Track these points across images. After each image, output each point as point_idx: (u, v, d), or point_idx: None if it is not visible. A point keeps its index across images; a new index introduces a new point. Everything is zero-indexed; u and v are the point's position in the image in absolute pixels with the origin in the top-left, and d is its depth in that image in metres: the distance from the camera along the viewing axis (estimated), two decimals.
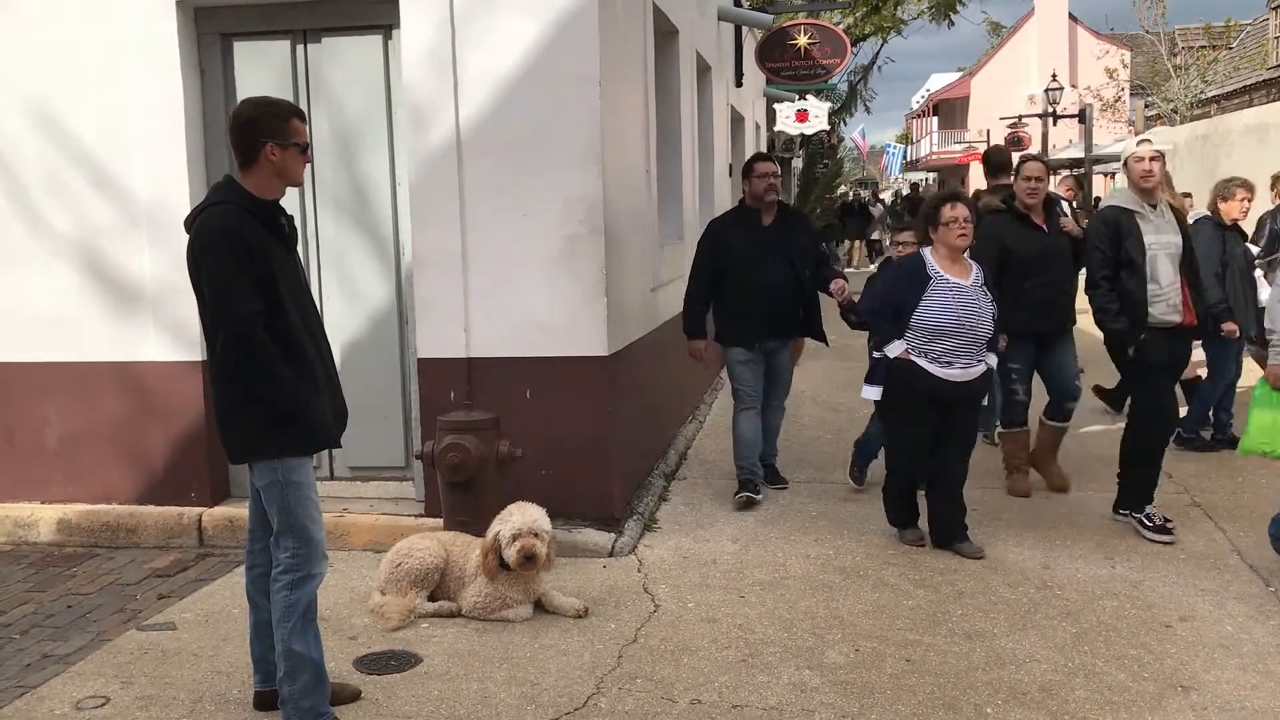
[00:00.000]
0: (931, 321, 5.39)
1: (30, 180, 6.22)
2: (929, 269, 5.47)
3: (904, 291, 5.49)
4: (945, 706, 3.99)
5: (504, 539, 4.78)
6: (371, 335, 6.27)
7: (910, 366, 5.46)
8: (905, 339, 5.47)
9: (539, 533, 4.78)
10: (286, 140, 3.65)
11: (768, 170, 6.57)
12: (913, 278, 5.48)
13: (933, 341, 5.41)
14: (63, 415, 6.30)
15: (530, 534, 4.76)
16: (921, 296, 5.40)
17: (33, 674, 4.44)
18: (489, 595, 4.87)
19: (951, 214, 5.39)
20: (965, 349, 5.43)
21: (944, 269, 5.46)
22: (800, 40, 13.57)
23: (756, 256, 6.42)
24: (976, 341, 5.45)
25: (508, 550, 4.76)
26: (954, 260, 5.50)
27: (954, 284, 5.43)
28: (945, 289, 5.41)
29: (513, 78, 5.78)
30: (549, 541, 4.84)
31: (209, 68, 6.20)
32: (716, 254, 6.54)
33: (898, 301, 5.51)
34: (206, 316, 3.62)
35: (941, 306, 5.38)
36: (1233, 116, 14.56)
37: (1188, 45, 30.17)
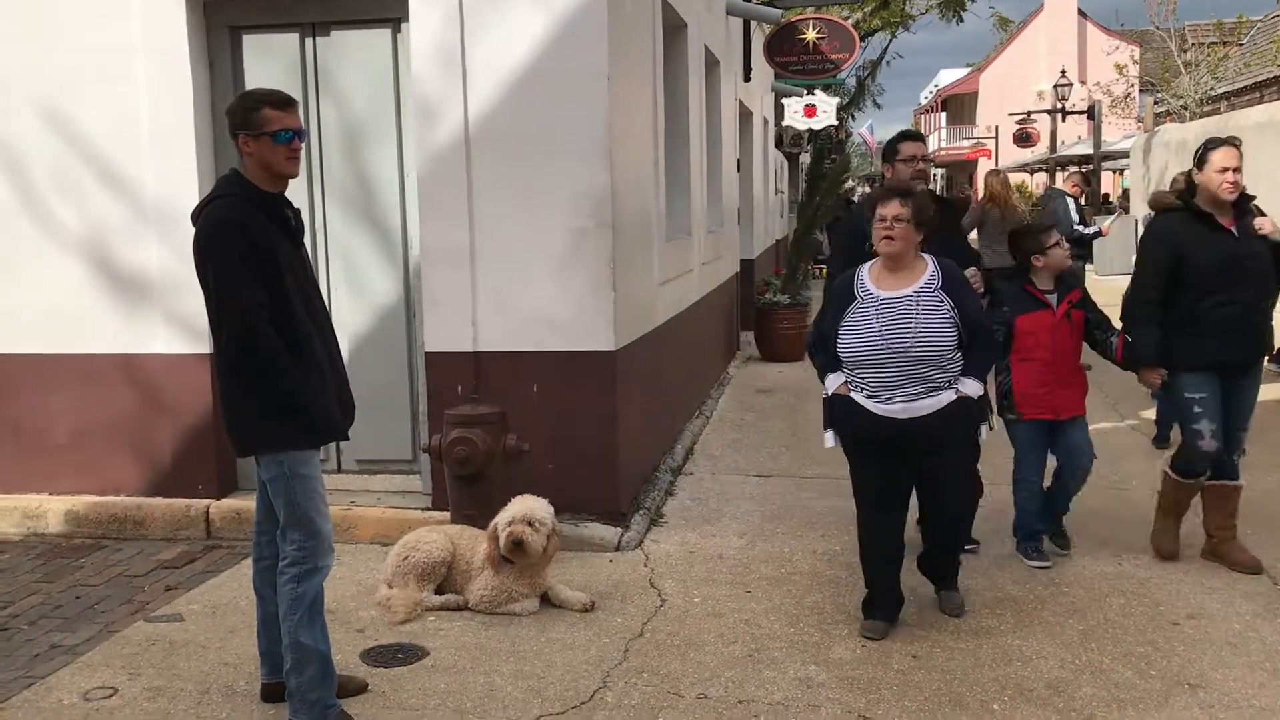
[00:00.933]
0: (848, 349, 4.43)
1: (39, 174, 6.23)
2: (857, 285, 4.52)
3: (831, 313, 4.57)
4: (951, 703, 3.99)
5: (500, 527, 4.81)
6: (379, 329, 6.28)
7: (846, 404, 4.51)
8: (843, 370, 4.53)
9: (532, 521, 4.79)
10: (257, 130, 3.62)
11: (915, 152, 5.46)
12: (839, 298, 4.58)
13: (860, 372, 4.44)
14: (71, 407, 6.32)
15: (522, 522, 4.78)
16: (843, 318, 4.48)
17: (41, 664, 4.46)
18: (495, 589, 4.87)
19: (881, 212, 4.45)
20: (902, 378, 4.34)
21: (876, 281, 4.48)
22: (809, 35, 13.53)
23: None
24: (921, 366, 4.32)
25: (500, 537, 4.78)
26: (892, 269, 4.48)
27: (879, 299, 4.41)
28: (865, 307, 4.43)
29: (521, 72, 5.77)
30: (549, 532, 4.85)
31: (218, 61, 6.21)
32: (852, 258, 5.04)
33: (826, 325, 4.59)
34: (211, 310, 3.62)
35: (857, 329, 4.40)
36: (1243, 113, 14.52)
37: (1198, 41, 30.04)
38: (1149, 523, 5.59)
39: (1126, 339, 5.30)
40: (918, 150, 5.47)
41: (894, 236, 4.40)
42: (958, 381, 4.40)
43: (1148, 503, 5.87)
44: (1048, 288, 5.35)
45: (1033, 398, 5.30)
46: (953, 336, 4.36)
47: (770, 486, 6.94)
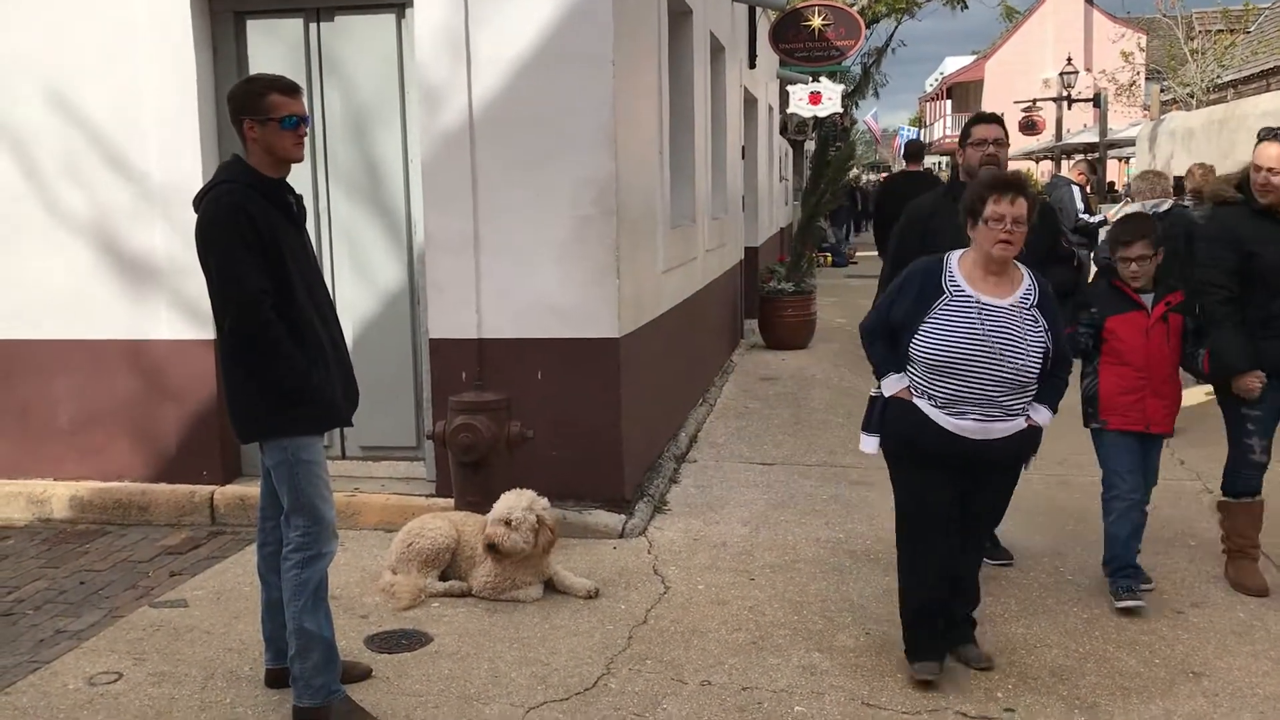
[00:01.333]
0: (932, 351, 3.87)
1: (43, 159, 6.22)
2: (946, 278, 3.95)
3: (906, 304, 3.99)
4: (956, 690, 3.99)
5: (487, 524, 4.83)
6: (383, 315, 6.27)
7: (908, 411, 3.98)
8: (906, 372, 4.04)
9: (510, 519, 4.77)
10: (263, 116, 3.61)
11: (987, 135, 4.94)
12: (921, 287, 3.98)
13: (934, 379, 3.91)
14: (76, 393, 6.32)
15: (499, 523, 4.77)
16: (927, 314, 3.91)
17: (46, 649, 4.47)
18: (498, 575, 4.87)
19: (997, 209, 3.82)
20: (985, 395, 3.84)
21: (970, 280, 3.92)
22: (814, 21, 13.48)
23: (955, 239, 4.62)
24: (1007, 386, 3.85)
25: (510, 539, 4.78)
26: (990, 270, 3.93)
27: (979, 303, 3.87)
28: (962, 308, 3.87)
29: (526, 57, 5.75)
30: (531, 527, 4.78)
31: (222, 46, 6.19)
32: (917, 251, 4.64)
33: (896, 318, 4.01)
34: (215, 296, 3.61)
35: (950, 332, 3.85)
36: (1250, 101, 14.46)
37: (1205, 29, 29.90)
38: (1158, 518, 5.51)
39: None
40: (990, 133, 4.95)
41: (1013, 241, 3.84)
42: (1030, 408, 3.95)
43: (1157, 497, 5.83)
44: (1144, 286, 4.78)
45: (1120, 405, 4.74)
46: (1042, 359, 3.89)
47: (774, 474, 6.94)
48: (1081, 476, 6.71)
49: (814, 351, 12.01)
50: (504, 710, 3.88)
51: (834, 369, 10.76)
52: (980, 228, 3.88)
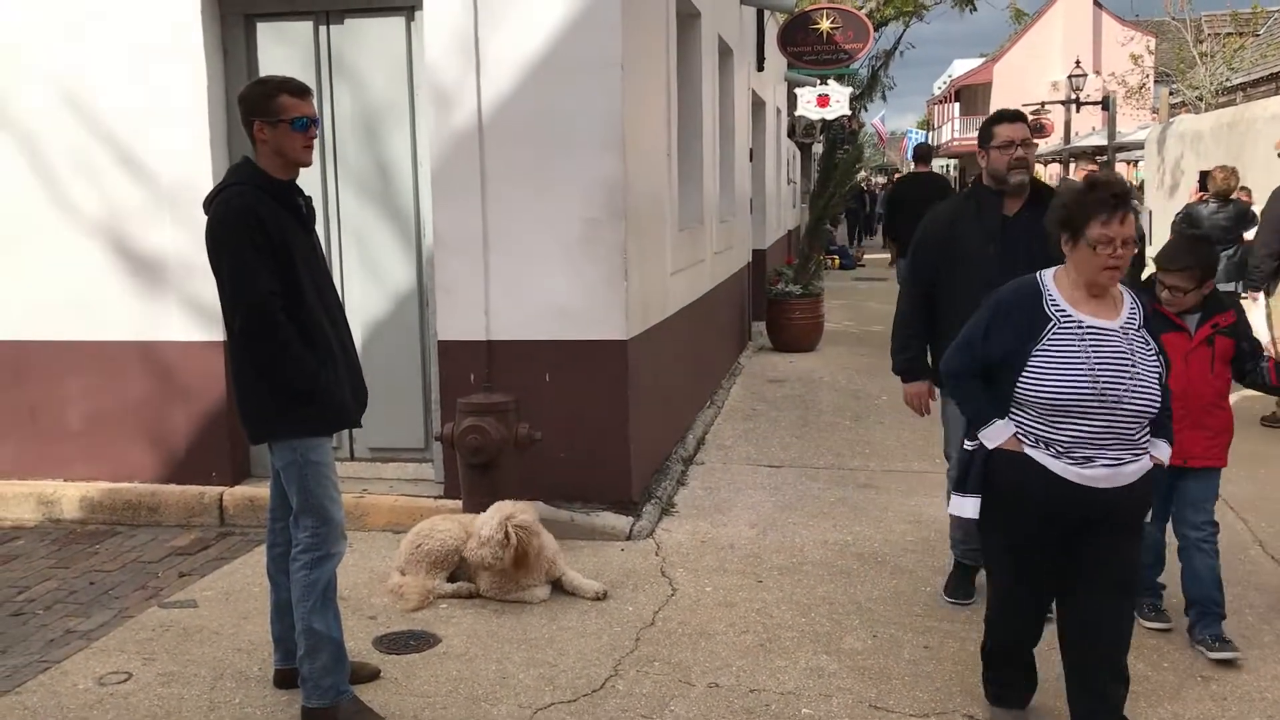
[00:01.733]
0: (1052, 389, 3.28)
1: (54, 160, 6.25)
2: (1049, 302, 3.39)
3: (1004, 337, 3.41)
4: (963, 693, 3.98)
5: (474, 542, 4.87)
6: (392, 317, 6.29)
7: (1020, 465, 3.38)
8: (1010, 417, 3.43)
9: (480, 535, 4.79)
10: (274, 118, 3.63)
11: (1013, 136, 4.47)
12: (1021, 316, 3.41)
13: (1055, 422, 3.31)
14: (85, 394, 6.34)
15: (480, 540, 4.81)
16: (1035, 347, 3.34)
17: (56, 649, 4.48)
18: (504, 577, 4.88)
19: (1105, 232, 3.25)
20: (1117, 433, 3.29)
21: (1073, 304, 3.37)
22: (823, 24, 13.48)
23: (992, 263, 4.35)
24: (1140, 420, 3.32)
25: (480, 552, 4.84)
26: (1092, 292, 3.38)
27: (1090, 328, 3.33)
28: (1075, 335, 3.32)
29: (535, 60, 5.77)
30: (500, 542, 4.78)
31: (232, 48, 6.21)
32: (936, 260, 4.64)
33: (995, 353, 3.44)
34: (225, 298, 3.63)
35: (1070, 364, 3.28)
36: (1259, 104, 14.42)
37: (1214, 32, 29.84)
38: None
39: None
40: (1016, 134, 4.47)
41: (1122, 266, 3.31)
42: (1150, 444, 3.41)
43: None
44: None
45: None
46: (1160, 385, 3.37)
47: (782, 476, 6.94)
48: None
49: (822, 354, 12.01)
50: (512, 711, 3.88)
51: (842, 371, 10.76)
52: (1082, 250, 3.32)
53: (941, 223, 4.71)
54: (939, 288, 4.63)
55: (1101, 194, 3.30)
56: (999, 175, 4.49)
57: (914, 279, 4.74)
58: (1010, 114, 4.66)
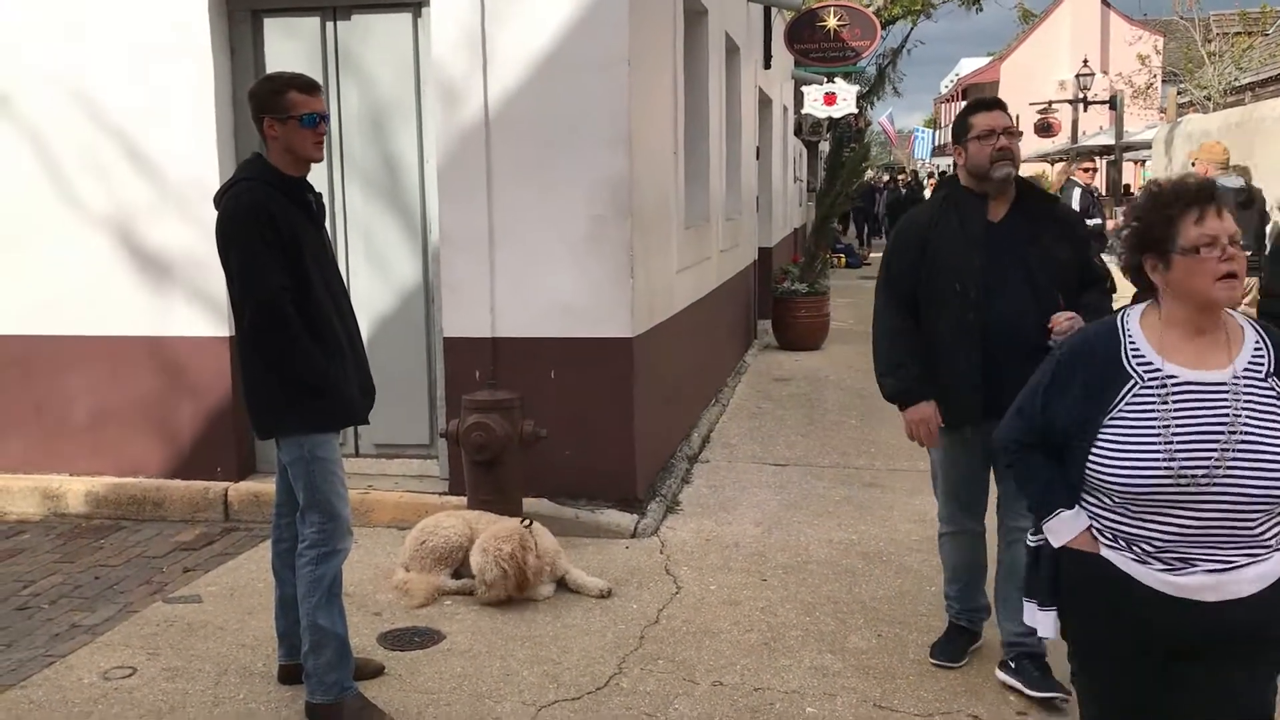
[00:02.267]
0: (1120, 473, 2.44)
1: (61, 155, 6.25)
2: (1129, 353, 2.52)
3: (1070, 400, 2.56)
4: (967, 692, 3.98)
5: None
6: (398, 313, 6.29)
7: (1097, 569, 2.54)
8: (1082, 504, 2.57)
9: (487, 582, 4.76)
10: (283, 114, 3.62)
11: (993, 125, 3.88)
12: (1093, 373, 2.54)
13: (1136, 514, 2.47)
14: (91, 389, 6.35)
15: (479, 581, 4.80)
16: (1109, 411, 2.48)
17: (61, 643, 4.49)
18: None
19: (1204, 230, 2.44)
20: (1222, 529, 2.42)
21: (1163, 349, 2.49)
22: (830, 22, 13.47)
23: (978, 275, 3.83)
24: (1244, 510, 2.41)
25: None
26: (1196, 329, 2.50)
27: (1182, 384, 2.45)
28: (1165, 396, 2.45)
29: (542, 57, 5.76)
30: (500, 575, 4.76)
31: (239, 44, 6.22)
32: (913, 270, 4.00)
33: (1058, 422, 2.58)
34: (234, 293, 3.63)
35: (1140, 440, 2.43)
36: (1267, 104, 14.36)
37: (1222, 31, 29.77)
38: None
39: None
40: (995, 122, 3.89)
41: (1239, 273, 2.44)
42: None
43: None
44: None
45: None
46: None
47: (787, 475, 6.93)
48: None
49: (827, 352, 12.00)
50: (516, 708, 3.88)
51: (847, 370, 10.75)
52: (1181, 266, 2.43)
53: (918, 229, 4.04)
54: (918, 301, 4.00)
55: (1179, 189, 2.52)
56: (980, 171, 3.88)
57: (890, 291, 4.07)
58: (987, 101, 4.06)
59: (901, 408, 4.04)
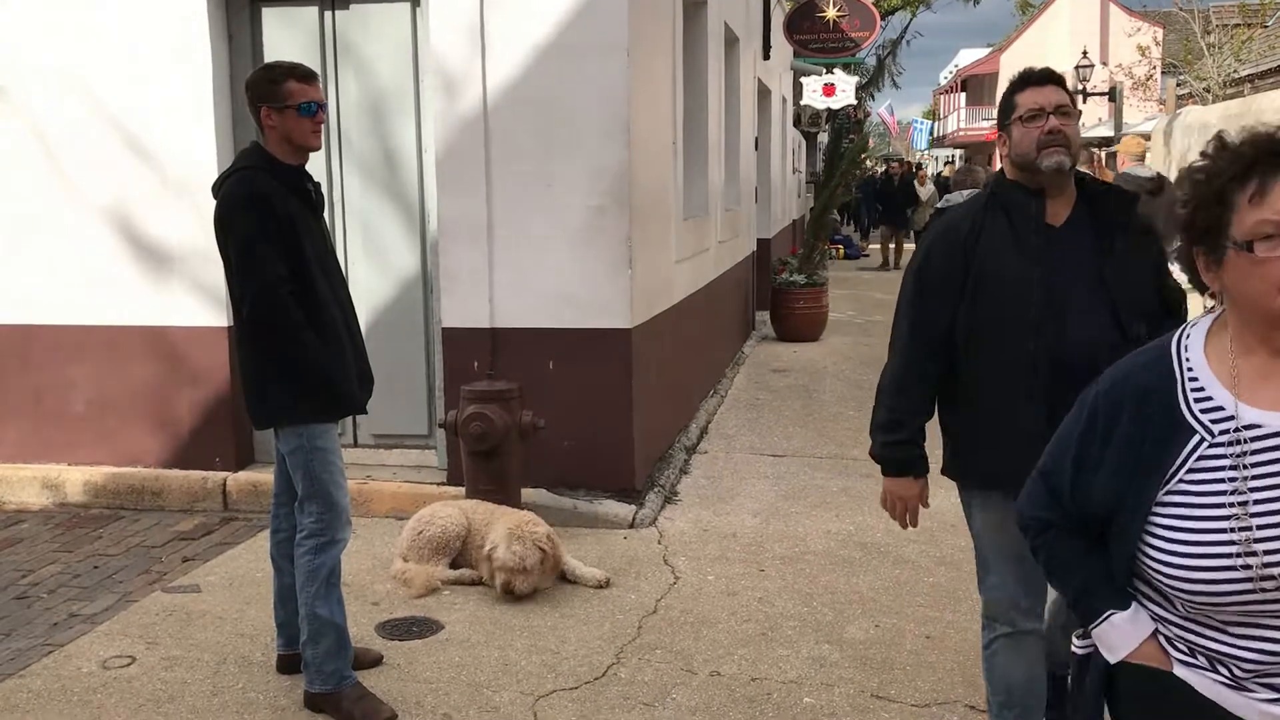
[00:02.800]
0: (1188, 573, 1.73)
1: (60, 146, 6.24)
2: (1189, 393, 1.80)
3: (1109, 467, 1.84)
4: (965, 683, 3.99)
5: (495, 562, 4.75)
6: (397, 303, 6.29)
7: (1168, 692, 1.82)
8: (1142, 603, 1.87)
9: (527, 569, 4.71)
10: (281, 103, 3.62)
11: (1045, 102, 2.95)
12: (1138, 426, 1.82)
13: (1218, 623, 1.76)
14: (90, 378, 6.35)
15: (517, 570, 4.70)
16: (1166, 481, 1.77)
17: (60, 633, 4.50)
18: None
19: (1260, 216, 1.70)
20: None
21: (1236, 383, 1.76)
22: (829, 13, 13.46)
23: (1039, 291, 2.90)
24: None
25: (496, 577, 4.76)
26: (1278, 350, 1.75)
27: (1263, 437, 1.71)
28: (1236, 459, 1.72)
29: (541, 46, 5.75)
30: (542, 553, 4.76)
31: (237, 34, 6.20)
32: (952, 291, 3.02)
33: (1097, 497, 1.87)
34: (233, 282, 3.63)
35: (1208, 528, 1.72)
36: (1266, 96, 14.36)
37: (1222, 23, 29.72)
38: None
39: None
40: (1046, 100, 2.94)
41: None
42: None
43: None
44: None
45: None
46: None
47: (784, 466, 6.94)
48: None
49: (826, 344, 12.00)
50: (514, 698, 3.89)
51: (845, 361, 10.75)
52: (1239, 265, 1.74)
53: (955, 238, 3.04)
54: (956, 338, 3.02)
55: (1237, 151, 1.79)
56: (1026, 160, 2.94)
57: (916, 325, 3.10)
58: (1037, 74, 3.04)
59: (885, 471, 3.19)
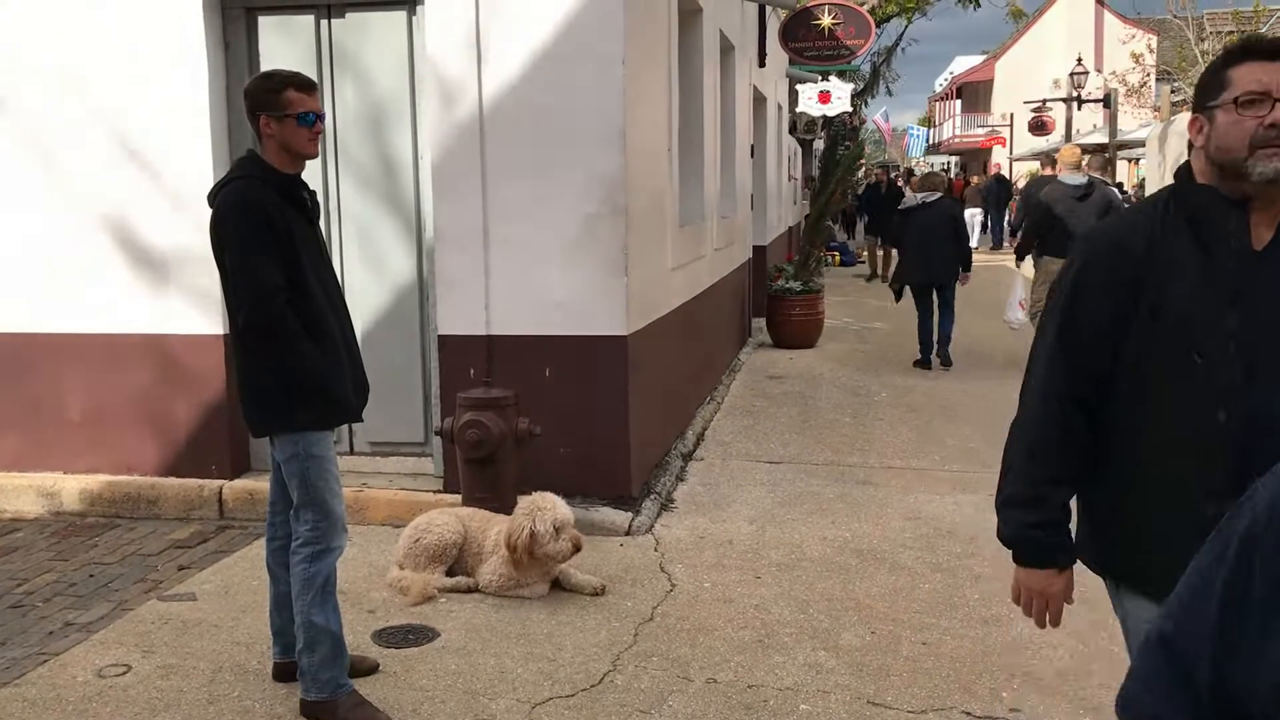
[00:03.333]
0: None
1: (55, 153, 6.25)
2: None
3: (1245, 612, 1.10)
4: (961, 690, 3.99)
5: (544, 532, 4.74)
6: (393, 311, 6.29)
7: None
8: None
9: (559, 527, 4.77)
10: (281, 112, 3.63)
11: (1274, 82, 2.10)
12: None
13: None
14: (86, 386, 6.35)
15: (573, 525, 4.81)
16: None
17: (55, 641, 4.49)
18: (504, 576, 4.88)
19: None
20: None
21: None
22: (824, 20, 13.47)
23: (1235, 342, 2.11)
24: None
25: (556, 544, 4.75)
26: None
27: None
28: None
29: (537, 55, 5.76)
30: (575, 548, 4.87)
31: (234, 41, 6.21)
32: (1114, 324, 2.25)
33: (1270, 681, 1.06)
34: (229, 291, 3.63)
35: None
36: None
37: (1216, 31, 29.83)
38: None
39: None
40: (1275, 80, 2.11)
41: None
42: None
43: None
44: None
45: None
46: None
47: (780, 473, 6.94)
48: None
49: (822, 350, 12.01)
50: (510, 706, 3.89)
51: (842, 368, 10.76)
52: None
53: (1121, 256, 2.27)
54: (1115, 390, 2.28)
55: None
56: (1233, 162, 2.15)
57: (1072, 353, 2.32)
58: (1265, 45, 2.19)
59: (1019, 560, 2.52)
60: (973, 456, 7.27)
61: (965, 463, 7.13)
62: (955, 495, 6.39)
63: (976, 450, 7.43)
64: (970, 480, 6.70)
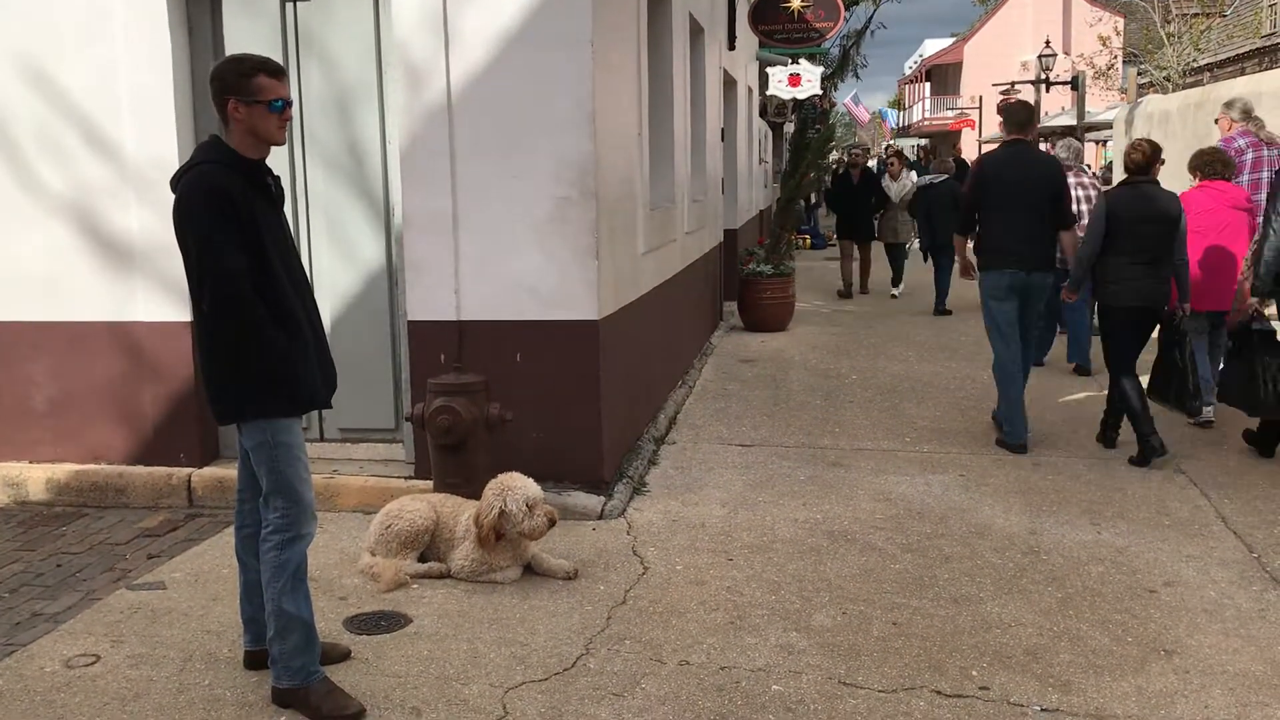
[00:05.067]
0: None
1: (17, 138, 6.16)
2: None
3: None
4: (931, 669, 4.03)
5: (517, 511, 4.76)
6: (362, 297, 6.25)
7: None
8: None
9: (532, 505, 4.80)
10: (251, 97, 3.59)
11: None
12: None
13: None
14: (51, 375, 6.28)
15: (545, 502, 4.84)
16: None
17: (22, 632, 4.45)
18: (476, 560, 4.87)
19: None
20: None
21: None
22: (794, 3, 13.47)
23: None
24: None
25: (530, 521, 4.76)
26: None
27: None
28: None
29: (505, 37, 5.73)
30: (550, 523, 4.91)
31: (197, 25, 6.13)
32: None
33: None
34: (193, 277, 3.59)
35: None
36: (1225, 85, 14.53)
37: (1181, 13, 30.04)
38: None
39: None
40: None
41: None
42: None
43: None
44: None
45: None
46: None
47: (752, 455, 6.97)
48: (1067, 453, 6.78)
49: (793, 334, 12.04)
50: (483, 690, 3.89)
51: (812, 351, 10.80)
52: None
53: None
54: None
55: None
56: None
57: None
58: None
59: None
60: (943, 437, 7.32)
61: (935, 444, 7.18)
62: (925, 476, 6.44)
63: (946, 431, 7.47)
64: (940, 461, 6.75)
